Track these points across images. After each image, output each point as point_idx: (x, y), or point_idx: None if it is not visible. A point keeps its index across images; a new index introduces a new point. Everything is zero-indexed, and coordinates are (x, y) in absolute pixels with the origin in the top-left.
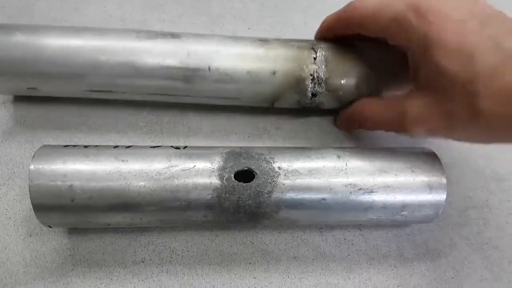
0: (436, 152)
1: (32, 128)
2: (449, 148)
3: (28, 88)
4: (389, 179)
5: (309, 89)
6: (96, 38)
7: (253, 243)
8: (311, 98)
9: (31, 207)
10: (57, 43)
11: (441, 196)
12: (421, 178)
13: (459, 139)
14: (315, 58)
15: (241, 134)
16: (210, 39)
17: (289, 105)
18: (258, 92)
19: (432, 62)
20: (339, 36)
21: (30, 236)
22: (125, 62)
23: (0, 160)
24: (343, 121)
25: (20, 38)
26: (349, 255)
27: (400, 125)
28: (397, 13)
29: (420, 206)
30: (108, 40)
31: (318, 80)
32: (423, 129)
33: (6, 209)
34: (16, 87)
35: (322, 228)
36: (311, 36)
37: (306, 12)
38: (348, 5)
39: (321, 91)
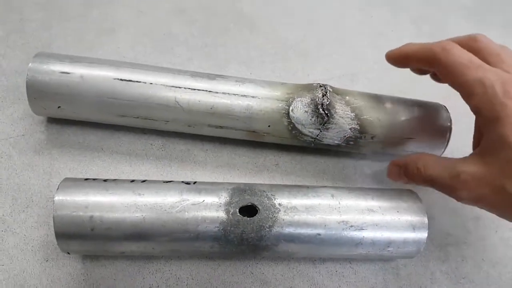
0: (419, 191)
1: (50, 160)
2: (430, 189)
3: (63, 110)
4: (377, 217)
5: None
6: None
7: (252, 273)
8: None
9: (49, 234)
10: (95, 74)
11: (423, 235)
12: (405, 217)
13: (503, 215)
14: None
15: (243, 170)
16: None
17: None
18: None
19: (500, 134)
20: (409, 66)
21: (47, 261)
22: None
23: (20, 189)
24: (393, 170)
25: (61, 67)
26: (340, 286)
27: (450, 185)
28: (486, 76)
29: (404, 243)
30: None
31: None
32: (472, 194)
33: (25, 235)
34: (54, 110)
35: (316, 260)
36: (308, 80)
37: (303, 59)
38: (439, 44)
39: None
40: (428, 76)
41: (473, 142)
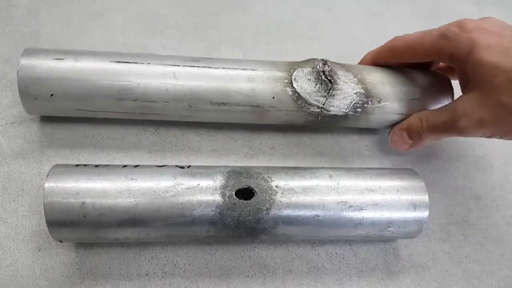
0: (419, 171)
1: (40, 148)
2: (431, 169)
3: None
4: (376, 197)
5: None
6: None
7: (250, 257)
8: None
9: (41, 223)
10: (90, 66)
11: (424, 214)
12: (406, 197)
13: (506, 133)
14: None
15: (238, 154)
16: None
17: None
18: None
19: (476, 60)
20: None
21: (39, 250)
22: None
23: (10, 178)
24: (396, 135)
25: (52, 62)
26: (340, 268)
27: (452, 122)
28: (442, 30)
29: (405, 222)
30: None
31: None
32: (473, 123)
33: (16, 225)
34: (46, 101)
35: (315, 243)
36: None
37: (297, 40)
38: (392, 39)
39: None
40: None
41: (460, 88)
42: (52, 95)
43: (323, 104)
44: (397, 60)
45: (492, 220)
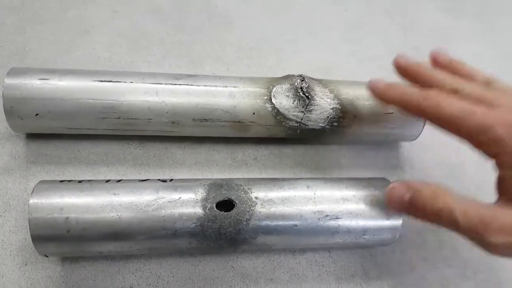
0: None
1: (26, 164)
2: (406, 177)
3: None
4: (351, 206)
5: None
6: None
7: (233, 267)
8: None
9: (27, 238)
10: (73, 84)
11: (397, 222)
12: (380, 206)
13: None
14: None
15: (222, 166)
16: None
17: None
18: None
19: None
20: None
21: (26, 265)
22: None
23: None
24: (396, 193)
25: (37, 81)
26: (319, 275)
27: (480, 231)
28: (487, 123)
29: (380, 230)
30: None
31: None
32: (507, 239)
33: (3, 240)
34: (31, 121)
35: (295, 251)
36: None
37: (278, 54)
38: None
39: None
40: None
41: (496, 187)
42: (37, 114)
43: (301, 119)
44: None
45: None
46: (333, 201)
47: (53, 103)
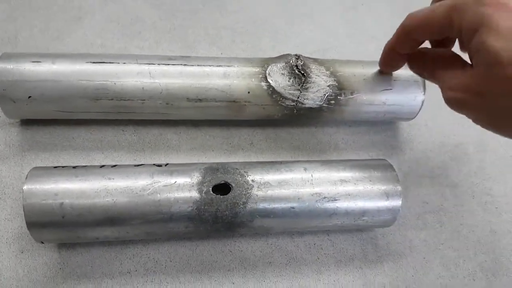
0: (395, 162)
1: (21, 151)
2: (406, 159)
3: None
4: (349, 188)
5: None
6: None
7: (231, 251)
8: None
9: (23, 225)
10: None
11: (397, 203)
12: (378, 186)
13: (480, 120)
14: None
15: (218, 151)
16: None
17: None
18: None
19: (479, 41)
20: (400, 56)
21: (22, 252)
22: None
23: None
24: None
25: (29, 64)
26: (318, 258)
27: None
28: (455, 0)
29: (379, 211)
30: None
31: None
32: (456, 98)
33: None
34: (24, 104)
35: (294, 234)
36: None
37: (273, 37)
38: (405, 18)
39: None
40: None
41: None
42: (30, 97)
43: (298, 97)
44: (414, 42)
45: (468, 207)
46: (331, 183)
47: (46, 85)
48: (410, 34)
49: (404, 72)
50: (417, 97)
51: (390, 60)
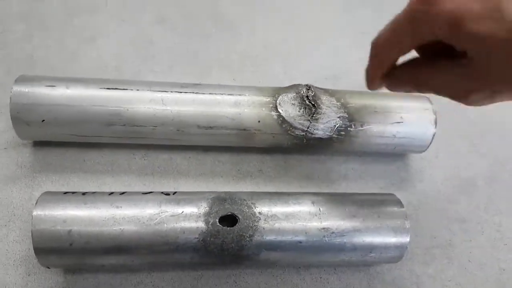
0: (405, 194)
1: (32, 173)
2: (415, 192)
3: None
4: (358, 223)
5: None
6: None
7: (236, 282)
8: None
9: (30, 248)
10: (84, 93)
11: (404, 239)
12: (386, 222)
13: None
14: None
15: (226, 177)
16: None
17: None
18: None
19: (462, 34)
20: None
21: (29, 275)
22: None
23: (1, 203)
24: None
25: (44, 88)
26: None
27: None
28: (408, 14)
29: (386, 248)
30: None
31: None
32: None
33: (7, 250)
34: (38, 127)
35: (300, 267)
36: (291, 83)
37: (284, 61)
38: (370, 48)
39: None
40: None
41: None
42: (43, 120)
43: (308, 128)
44: (387, 63)
45: (476, 243)
46: (339, 218)
47: (59, 109)
48: (381, 59)
49: (415, 104)
50: (428, 130)
51: (374, 84)
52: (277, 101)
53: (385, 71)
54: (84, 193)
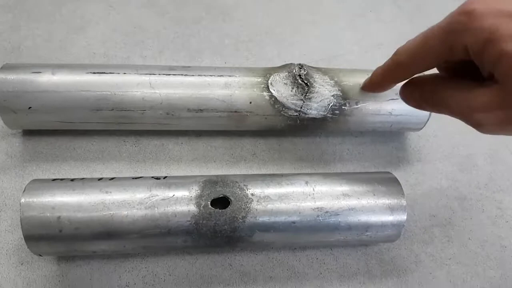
0: (402, 173)
1: (22, 162)
2: (414, 171)
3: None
4: (352, 202)
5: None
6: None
7: (231, 265)
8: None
9: (22, 237)
10: (70, 79)
11: (401, 217)
12: (382, 201)
13: None
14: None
15: (219, 162)
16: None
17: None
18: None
19: (496, 52)
20: (390, 85)
21: (22, 264)
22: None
23: None
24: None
25: (29, 75)
26: (321, 273)
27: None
28: (448, 25)
29: (383, 227)
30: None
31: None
32: (492, 121)
33: None
34: (25, 114)
35: (295, 248)
36: None
37: (278, 45)
38: (395, 52)
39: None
40: None
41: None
42: (30, 108)
43: (301, 108)
44: (408, 75)
45: (477, 220)
46: (333, 197)
47: (46, 96)
48: (403, 68)
49: None
50: None
51: (377, 87)
52: (269, 81)
53: (400, 81)
54: (72, 179)
